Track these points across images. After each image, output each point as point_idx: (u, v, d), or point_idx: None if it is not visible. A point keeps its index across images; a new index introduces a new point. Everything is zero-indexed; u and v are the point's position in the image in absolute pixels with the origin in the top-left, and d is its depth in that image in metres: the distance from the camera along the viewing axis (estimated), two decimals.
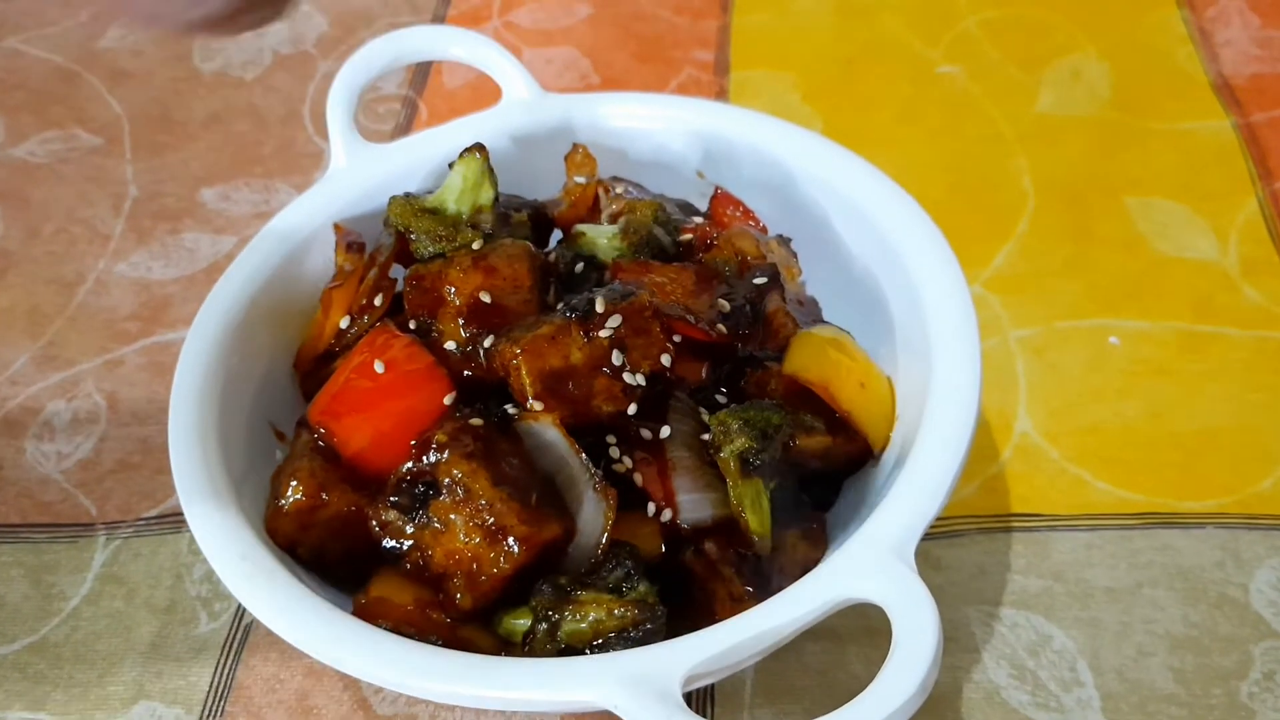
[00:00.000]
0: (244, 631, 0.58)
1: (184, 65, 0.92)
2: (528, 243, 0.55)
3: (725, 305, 0.54)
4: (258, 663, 0.57)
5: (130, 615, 0.59)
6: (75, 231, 0.80)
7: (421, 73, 0.89)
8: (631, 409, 0.50)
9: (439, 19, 0.95)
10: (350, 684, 0.55)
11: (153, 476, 0.65)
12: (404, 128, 0.85)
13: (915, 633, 0.41)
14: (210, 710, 0.55)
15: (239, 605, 0.59)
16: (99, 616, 0.59)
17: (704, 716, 0.53)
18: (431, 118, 0.86)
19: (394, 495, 0.49)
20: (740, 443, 0.49)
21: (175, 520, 0.63)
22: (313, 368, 0.57)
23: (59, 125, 0.87)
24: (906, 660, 0.40)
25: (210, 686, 0.56)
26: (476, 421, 0.49)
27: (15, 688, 0.57)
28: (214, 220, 0.80)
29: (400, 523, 0.48)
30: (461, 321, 0.52)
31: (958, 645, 0.55)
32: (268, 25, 0.38)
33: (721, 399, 0.54)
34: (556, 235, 0.61)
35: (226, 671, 0.56)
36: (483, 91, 0.80)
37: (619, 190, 0.60)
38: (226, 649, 0.57)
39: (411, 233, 0.56)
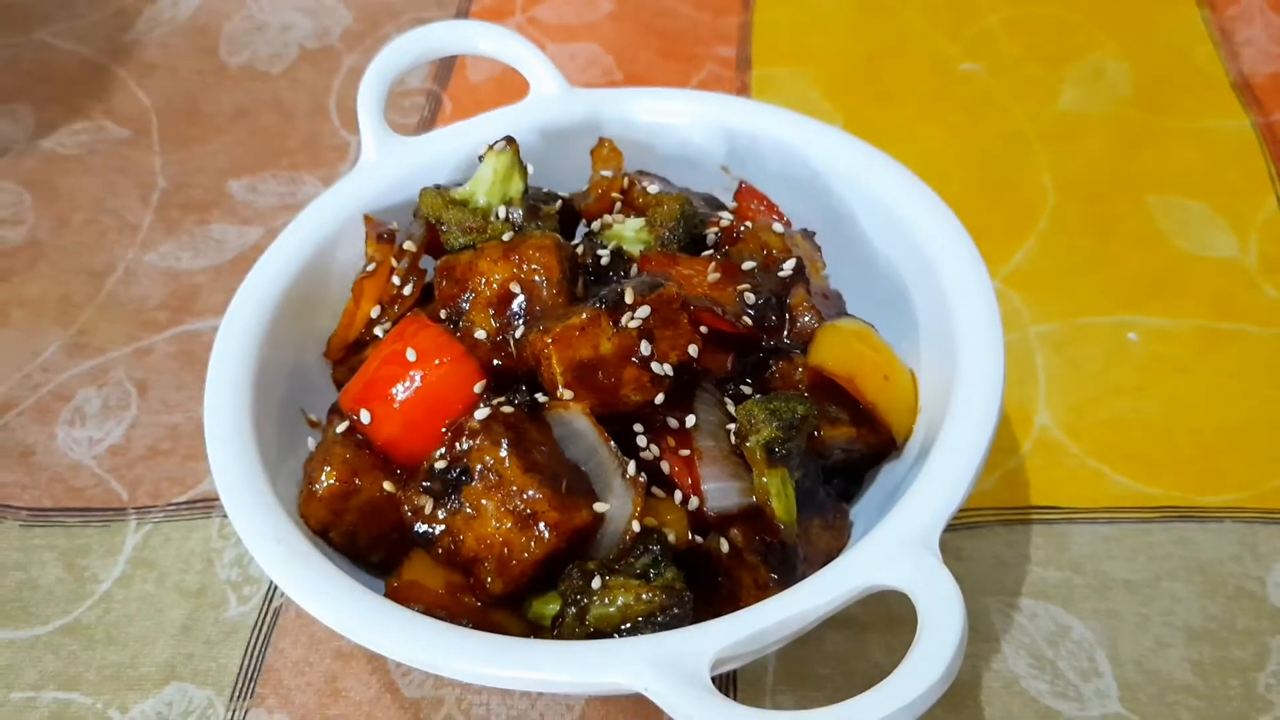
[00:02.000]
0: (273, 615, 0.59)
1: (211, 58, 0.93)
2: (557, 234, 0.56)
3: (751, 298, 0.54)
4: (287, 646, 0.57)
5: (161, 598, 0.60)
6: (105, 222, 0.81)
7: (446, 67, 0.90)
8: (659, 399, 0.51)
9: (463, 13, 0.96)
10: (378, 667, 0.56)
11: (183, 463, 0.66)
12: (428, 122, 0.86)
13: (941, 619, 0.41)
14: (240, 692, 0.56)
15: (268, 589, 0.60)
16: (130, 599, 0.60)
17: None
18: (456, 112, 0.87)
19: (426, 481, 0.49)
20: (766, 432, 0.49)
21: (205, 505, 0.64)
22: (344, 356, 0.58)
23: (87, 117, 0.88)
24: (932, 646, 0.41)
25: (240, 669, 0.57)
26: (508, 409, 0.50)
27: (49, 669, 0.58)
28: (241, 211, 0.81)
29: (432, 508, 0.49)
30: (491, 311, 0.53)
31: (977, 635, 0.56)
32: None
33: (747, 390, 0.54)
34: (583, 228, 0.62)
35: (256, 654, 0.57)
36: (506, 86, 0.81)
37: (645, 184, 0.60)
38: (256, 632, 0.58)
39: (442, 224, 0.57)
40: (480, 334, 0.53)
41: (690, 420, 0.51)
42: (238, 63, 0.92)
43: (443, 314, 0.55)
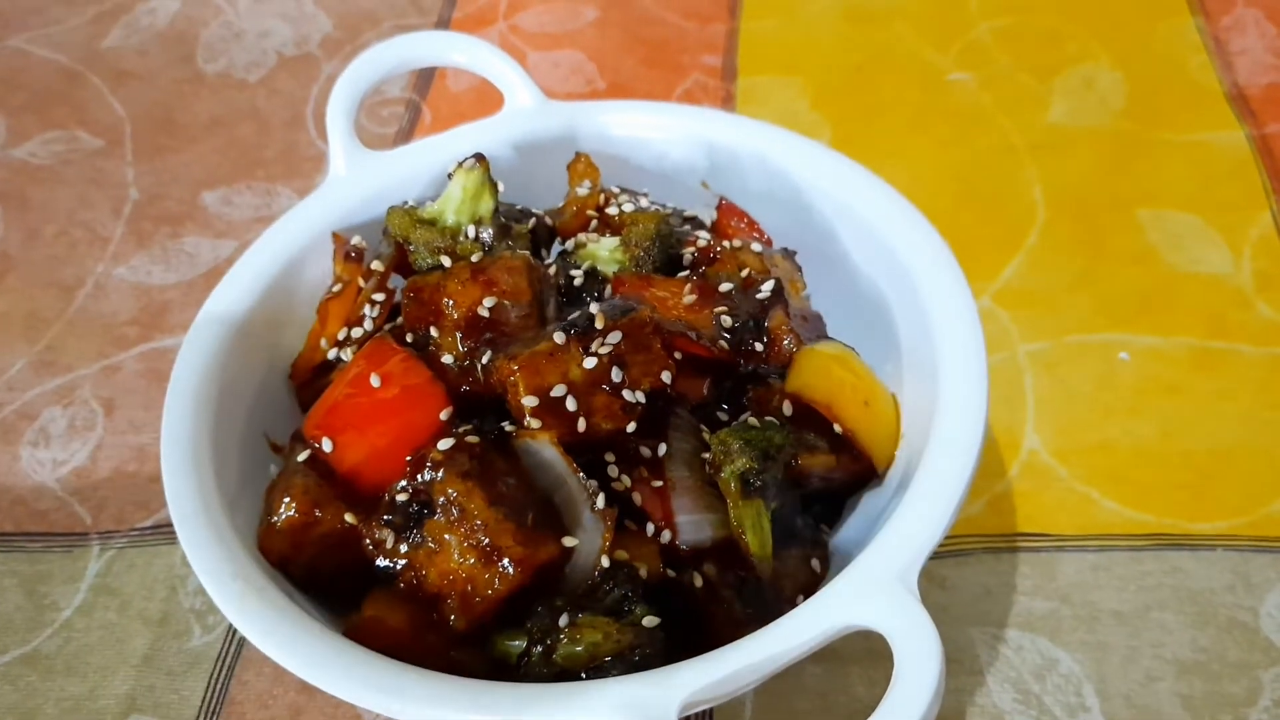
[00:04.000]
0: (237, 646, 0.57)
1: (188, 66, 0.91)
2: (527, 255, 0.54)
3: (728, 320, 0.53)
4: (251, 678, 0.56)
5: (123, 627, 0.58)
6: (75, 234, 0.79)
7: (425, 76, 0.89)
8: (631, 427, 0.49)
9: (444, 21, 0.94)
10: (344, 700, 0.54)
11: (148, 485, 0.64)
12: (407, 131, 0.85)
13: (917, 664, 0.40)
14: None
15: None
16: (92, 628, 0.59)
17: None
18: (435, 121, 0.85)
19: (388, 514, 0.48)
20: (741, 463, 0.48)
21: (170, 531, 0.61)
22: (309, 379, 0.56)
23: (61, 126, 0.87)
24: (908, 692, 0.39)
25: (203, 701, 0.55)
26: (473, 439, 0.48)
27: (6, 700, 0.56)
28: (215, 224, 0.79)
29: (394, 542, 0.47)
30: (460, 335, 0.52)
31: (962, 667, 0.54)
32: None
33: (723, 416, 0.53)
34: (559, 246, 0.60)
35: (219, 686, 0.56)
36: (487, 95, 0.79)
37: (622, 201, 0.59)
38: (219, 663, 0.57)
39: (410, 244, 0.55)
40: (448, 359, 0.52)
41: (663, 449, 0.50)
42: (214, 70, 0.91)
43: (410, 337, 0.53)
